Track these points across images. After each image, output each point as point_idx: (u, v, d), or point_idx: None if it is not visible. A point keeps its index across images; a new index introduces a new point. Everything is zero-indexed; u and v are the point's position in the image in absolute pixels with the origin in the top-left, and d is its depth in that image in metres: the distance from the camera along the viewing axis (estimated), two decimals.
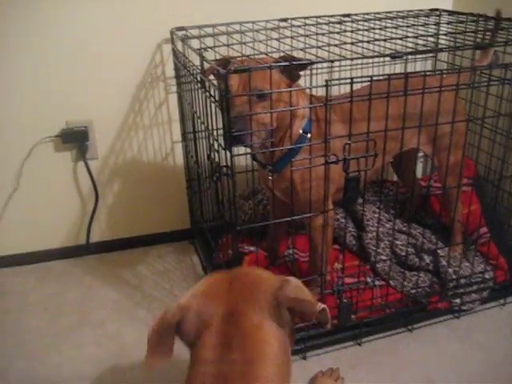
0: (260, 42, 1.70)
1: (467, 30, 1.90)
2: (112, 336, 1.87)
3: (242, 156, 1.83)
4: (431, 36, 1.75)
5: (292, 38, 1.77)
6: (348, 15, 2.13)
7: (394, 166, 2.22)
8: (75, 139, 2.13)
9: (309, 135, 1.59)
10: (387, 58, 1.43)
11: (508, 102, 1.91)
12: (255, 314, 0.98)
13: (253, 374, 0.92)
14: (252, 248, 1.98)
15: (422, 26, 2.00)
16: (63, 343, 1.83)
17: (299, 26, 1.99)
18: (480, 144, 1.92)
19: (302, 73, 1.49)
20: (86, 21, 2.00)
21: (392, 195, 2.36)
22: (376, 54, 1.47)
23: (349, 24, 2.02)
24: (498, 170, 1.97)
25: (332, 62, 1.36)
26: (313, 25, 2.01)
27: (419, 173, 2.53)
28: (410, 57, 2.21)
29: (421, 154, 2.31)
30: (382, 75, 1.52)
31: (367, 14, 2.13)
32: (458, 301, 1.85)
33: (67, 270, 2.25)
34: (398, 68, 2.29)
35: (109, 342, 1.84)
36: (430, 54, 2.27)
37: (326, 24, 2.01)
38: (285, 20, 2.06)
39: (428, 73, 1.53)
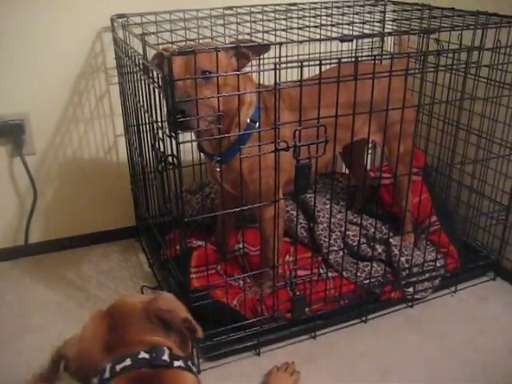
0: (205, 27, 1.64)
1: (412, 16, 1.89)
2: (55, 340, 1.74)
3: (188, 149, 1.78)
4: (378, 22, 1.73)
5: (238, 23, 1.72)
6: (294, 4, 2.09)
7: (344, 158, 2.20)
8: (10, 133, 2.00)
9: (257, 124, 1.54)
10: (335, 45, 1.39)
11: (454, 90, 1.92)
12: (137, 335, 0.99)
13: None
14: (200, 243, 1.92)
15: (368, 13, 1.98)
16: (2, 351, 1.71)
17: (245, 14, 1.94)
18: (429, 134, 1.92)
19: (252, 58, 1.44)
20: (22, 8, 1.88)
21: (342, 187, 2.34)
22: (324, 37, 1.43)
23: (295, 12, 1.98)
24: (447, 160, 1.98)
25: (280, 44, 1.30)
26: (259, 12, 1.96)
27: (368, 164, 2.52)
28: (358, 45, 2.19)
29: (370, 145, 2.30)
30: (331, 59, 1.47)
31: (314, 3, 2.10)
32: (410, 290, 1.84)
33: (4, 273, 2.12)
34: (346, 56, 2.27)
35: (51, 346, 1.73)
36: (377, 43, 2.25)
37: (272, 12, 1.96)
38: (230, 8, 2.00)
39: (376, 59, 1.49)
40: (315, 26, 1.56)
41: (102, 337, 1.00)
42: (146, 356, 0.94)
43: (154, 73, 1.40)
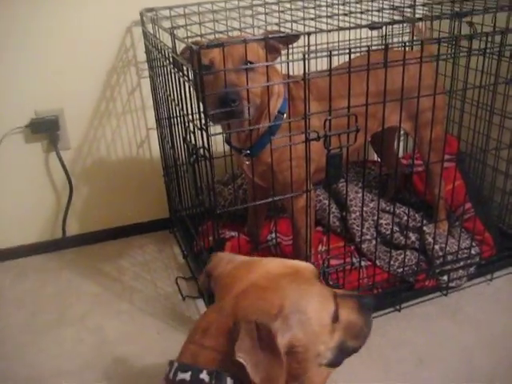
0: (233, 19, 1.64)
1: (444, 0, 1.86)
2: (93, 331, 1.80)
3: (219, 141, 1.79)
4: (408, 7, 1.70)
5: (266, 14, 1.71)
6: None
7: (375, 146, 2.18)
8: (45, 129, 2.05)
9: (285, 116, 1.54)
10: (364, 33, 1.38)
11: (488, 74, 1.88)
12: None
13: None
14: (233, 233, 1.93)
15: None
16: (42, 340, 1.77)
17: (273, 4, 1.93)
18: (462, 120, 1.89)
19: (282, 49, 1.44)
20: (54, 7, 1.91)
21: (374, 175, 2.32)
22: (353, 25, 1.42)
23: (323, 1, 1.97)
24: (481, 146, 1.94)
25: (309, 34, 1.29)
26: (287, 1, 1.95)
27: (400, 152, 2.50)
28: (388, 31, 2.16)
29: (402, 132, 2.28)
30: (360, 47, 1.46)
31: None
32: (445, 278, 1.82)
33: (44, 265, 2.18)
34: (376, 43, 2.24)
35: (90, 336, 1.78)
36: (407, 28, 2.22)
37: (300, 1, 1.95)
38: None
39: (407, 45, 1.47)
40: (344, 14, 1.54)
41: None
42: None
43: (185, 67, 1.41)
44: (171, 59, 1.54)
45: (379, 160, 2.31)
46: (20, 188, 2.12)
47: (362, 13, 1.56)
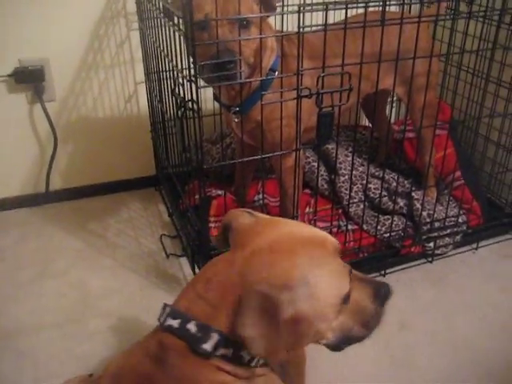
0: None
1: None
2: (75, 285, 1.79)
3: (208, 98, 1.75)
4: None
5: None
6: None
7: (366, 110, 2.15)
8: (30, 79, 1.98)
9: (276, 73, 1.50)
10: None
11: (486, 41, 1.84)
12: None
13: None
14: (220, 192, 1.91)
15: None
16: (24, 294, 1.74)
17: None
18: (457, 87, 1.86)
19: (278, 3, 1.39)
20: None
21: (365, 139, 2.30)
22: None
23: None
24: (474, 114, 1.92)
25: None
26: None
27: (392, 117, 2.47)
28: None
29: (395, 98, 2.25)
30: (358, 3, 1.42)
31: None
32: (431, 245, 1.82)
33: (26, 220, 2.14)
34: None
35: (72, 291, 1.76)
36: None
37: None
38: None
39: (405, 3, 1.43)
40: None
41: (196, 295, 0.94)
42: (193, 330, 0.91)
43: (176, 17, 1.36)
44: (162, 9, 1.48)
45: (370, 125, 2.28)
46: (2, 140, 2.07)
47: None
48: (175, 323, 0.90)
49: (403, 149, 2.17)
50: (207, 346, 0.87)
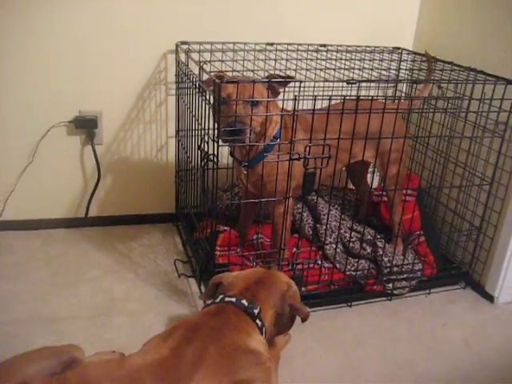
0: (249, 61, 2.11)
1: (415, 67, 2.35)
2: (104, 290, 2.24)
3: (224, 155, 2.25)
4: (387, 70, 2.18)
5: (275, 60, 2.20)
6: (324, 45, 2.55)
7: (350, 176, 2.64)
8: (86, 126, 2.52)
9: (278, 140, 2.01)
10: (345, 84, 1.86)
11: (447, 128, 2.34)
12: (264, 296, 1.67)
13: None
14: (226, 228, 2.38)
15: (384, 60, 2.44)
16: (63, 292, 2.20)
17: (282, 51, 2.41)
18: (424, 162, 2.36)
19: (281, 90, 1.91)
20: (105, 24, 2.40)
21: (349, 200, 2.78)
22: (336, 79, 1.90)
23: (324, 53, 2.45)
24: (436, 185, 2.40)
25: (300, 82, 1.78)
26: (293, 50, 2.44)
27: (375, 183, 2.95)
28: (371, 85, 2.64)
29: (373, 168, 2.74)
30: (340, 96, 1.93)
31: (340, 45, 2.56)
32: (390, 285, 2.26)
33: (67, 237, 2.63)
34: (358, 93, 2.72)
35: (101, 294, 2.22)
36: (392, 84, 2.71)
37: (304, 51, 2.44)
38: (271, 44, 2.48)
39: (375, 98, 1.95)
40: (333, 69, 2.03)
41: (247, 282, 1.69)
42: (245, 303, 1.58)
43: (207, 92, 1.89)
44: (197, 85, 2.01)
45: (354, 188, 2.77)
46: (58, 170, 2.58)
47: (346, 69, 2.04)
48: (233, 299, 1.57)
49: (379, 209, 2.65)
50: (255, 311, 1.55)
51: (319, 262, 2.23)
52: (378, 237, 2.37)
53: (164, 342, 1.44)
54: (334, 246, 2.30)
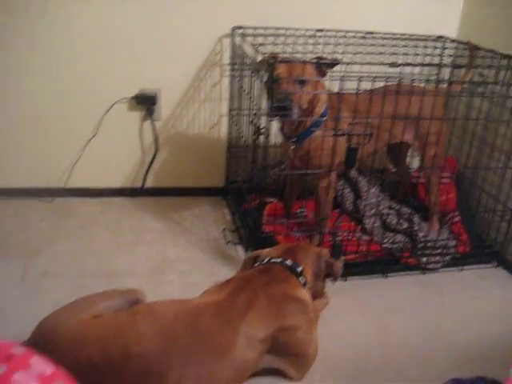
0: (299, 45, 2.28)
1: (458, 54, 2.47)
2: (158, 252, 2.46)
3: (273, 132, 2.42)
4: (429, 56, 2.32)
5: (323, 45, 2.36)
6: (371, 33, 2.69)
7: (391, 158, 2.78)
8: (146, 102, 2.74)
9: (324, 118, 2.17)
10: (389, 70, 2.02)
11: (483, 112, 2.46)
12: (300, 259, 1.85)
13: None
14: (273, 199, 2.57)
15: (427, 47, 2.57)
16: (122, 252, 2.43)
17: (330, 37, 2.57)
18: (461, 146, 2.49)
19: (328, 71, 2.07)
20: (167, 10, 2.60)
21: (389, 180, 2.92)
22: (379, 62, 2.05)
23: (369, 40, 2.60)
24: (473, 169, 2.53)
25: (347, 64, 1.95)
26: (341, 37, 2.59)
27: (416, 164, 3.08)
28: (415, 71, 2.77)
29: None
30: (384, 76, 2.08)
31: (386, 33, 2.70)
32: (424, 259, 2.41)
33: (125, 205, 2.86)
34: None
35: (156, 255, 2.43)
36: (434, 70, 2.84)
37: (351, 38, 2.59)
38: (320, 30, 2.64)
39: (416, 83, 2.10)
40: (378, 53, 2.17)
41: (285, 249, 1.88)
42: (289, 263, 1.77)
43: (261, 73, 2.07)
44: (252, 66, 2.19)
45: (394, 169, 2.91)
46: (119, 143, 2.81)
47: (391, 54, 2.18)
48: (278, 260, 1.76)
49: (417, 190, 2.79)
50: (298, 269, 1.69)
51: (358, 234, 2.39)
52: (415, 214, 2.51)
53: (220, 290, 1.64)
54: (372, 220, 2.45)
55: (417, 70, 2.66)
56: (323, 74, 2.06)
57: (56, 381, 0.84)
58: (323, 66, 2.03)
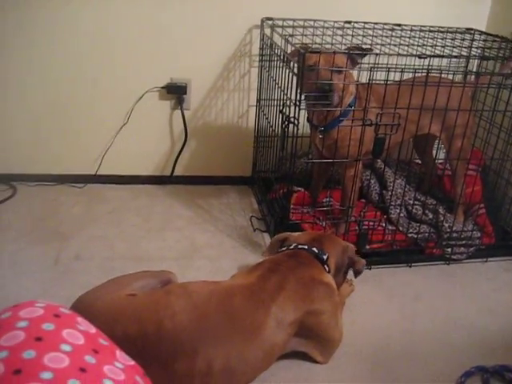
0: (328, 35, 2.32)
1: (487, 46, 2.48)
2: (187, 238, 2.52)
3: (301, 125, 2.47)
4: (465, 47, 2.34)
5: (352, 36, 2.39)
6: (399, 25, 2.71)
7: (417, 150, 2.80)
8: (176, 92, 2.79)
9: (352, 108, 2.20)
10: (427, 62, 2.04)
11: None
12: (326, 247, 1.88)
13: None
14: (300, 188, 2.61)
15: (456, 39, 2.59)
16: (152, 237, 2.50)
17: (359, 29, 2.60)
18: (489, 139, 2.49)
19: (359, 61, 2.11)
20: (199, 1, 2.65)
21: (415, 172, 2.94)
22: (408, 53, 2.08)
23: (398, 32, 2.62)
24: (499, 161, 2.54)
25: (377, 54, 1.97)
26: (370, 28, 2.61)
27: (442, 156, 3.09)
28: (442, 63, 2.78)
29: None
30: (412, 67, 2.11)
31: (414, 25, 2.71)
32: (449, 250, 2.43)
33: (154, 192, 2.93)
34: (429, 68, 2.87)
35: (184, 241, 2.50)
36: (463, 62, 2.85)
37: (380, 29, 2.61)
38: (349, 22, 2.66)
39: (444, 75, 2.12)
40: (406, 45, 2.20)
41: (313, 236, 1.92)
42: (316, 250, 1.81)
43: (292, 62, 2.11)
44: (282, 56, 2.23)
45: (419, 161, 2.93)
46: (149, 131, 2.88)
47: (419, 46, 2.21)
48: (305, 246, 1.81)
49: (443, 182, 2.80)
50: (324, 257, 1.73)
51: (383, 224, 2.43)
52: (440, 206, 2.54)
53: (250, 273, 1.70)
54: (397, 210, 2.48)
55: (445, 61, 2.68)
56: (355, 64, 2.10)
57: (100, 338, 0.90)
58: (355, 55, 2.06)
